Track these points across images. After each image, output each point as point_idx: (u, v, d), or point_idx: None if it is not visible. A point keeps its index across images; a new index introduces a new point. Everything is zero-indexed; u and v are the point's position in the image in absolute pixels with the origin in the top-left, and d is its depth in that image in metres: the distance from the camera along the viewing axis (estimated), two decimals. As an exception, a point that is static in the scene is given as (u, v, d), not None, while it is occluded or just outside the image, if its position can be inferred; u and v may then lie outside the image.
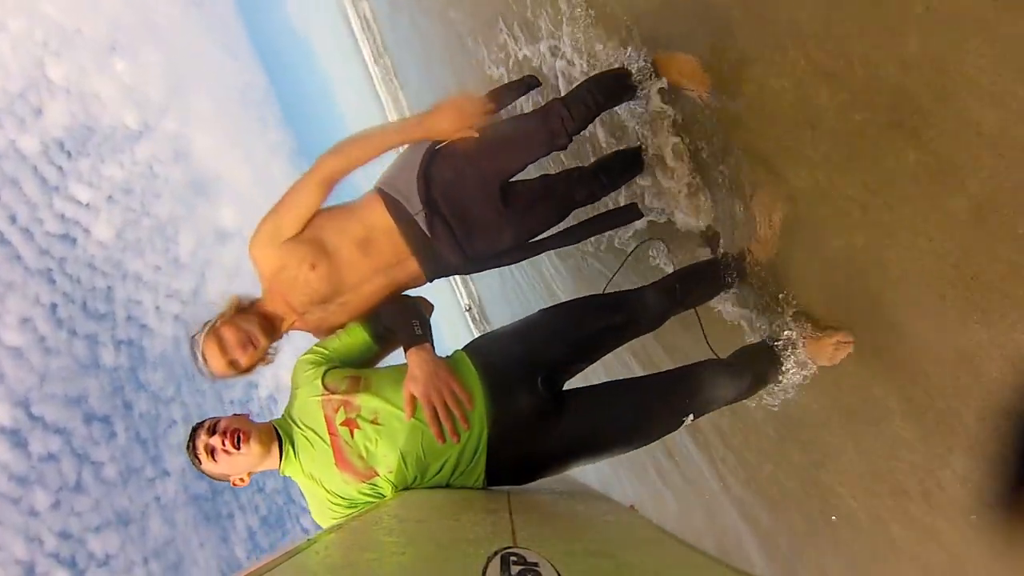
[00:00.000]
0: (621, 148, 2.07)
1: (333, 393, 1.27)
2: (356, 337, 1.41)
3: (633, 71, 1.75)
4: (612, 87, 1.71)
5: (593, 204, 1.80)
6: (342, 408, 1.25)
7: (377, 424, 1.23)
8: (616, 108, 1.89)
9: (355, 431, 1.23)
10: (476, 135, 1.46)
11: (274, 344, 1.46)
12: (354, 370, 1.36)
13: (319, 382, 1.30)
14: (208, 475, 1.28)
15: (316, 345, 1.40)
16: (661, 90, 1.75)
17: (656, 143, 1.87)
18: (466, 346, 1.44)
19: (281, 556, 0.68)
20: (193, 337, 1.38)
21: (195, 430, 1.28)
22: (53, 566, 23.69)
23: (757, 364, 1.57)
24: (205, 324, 1.38)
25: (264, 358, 1.43)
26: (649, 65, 1.74)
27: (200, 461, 1.25)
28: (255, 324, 1.38)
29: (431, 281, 1.56)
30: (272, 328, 1.43)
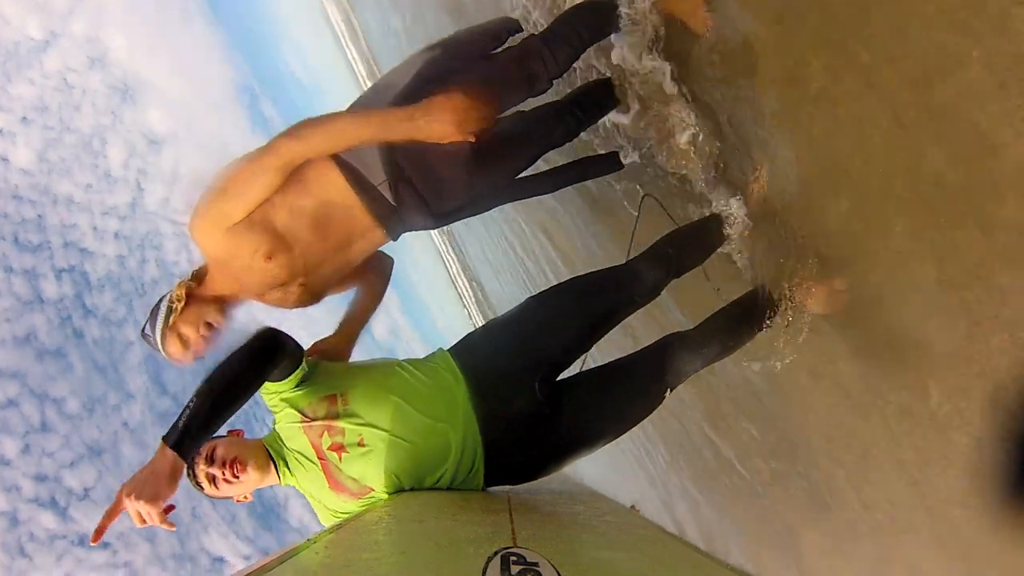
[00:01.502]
0: (597, 79, 1.89)
1: (313, 420, 1.21)
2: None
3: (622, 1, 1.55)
4: (598, 20, 1.53)
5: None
6: (326, 433, 1.20)
7: (364, 446, 1.18)
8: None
9: (343, 455, 1.19)
10: (473, 140, 1.26)
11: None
12: (327, 385, 1.26)
13: (292, 410, 1.23)
14: (211, 498, 1.27)
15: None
16: (655, 23, 1.57)
17: (645, 82, 1.71)
18: (453, 346, 1.38)
19: (281, 556, 0.67)
20: (144, 332, 1.32)
21: (194, 458, 1.24)
22: (35, 510, 23.16)
23: (725, 328, 1.56)
24: (155, 314, 1.30)
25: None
26: None
27: (203, 488, 1.24)
28: (211, 309, 1.32)
29: (396, 240, 1.47)
30: (227, 302, 1.36)
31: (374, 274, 1.57)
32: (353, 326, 1.49)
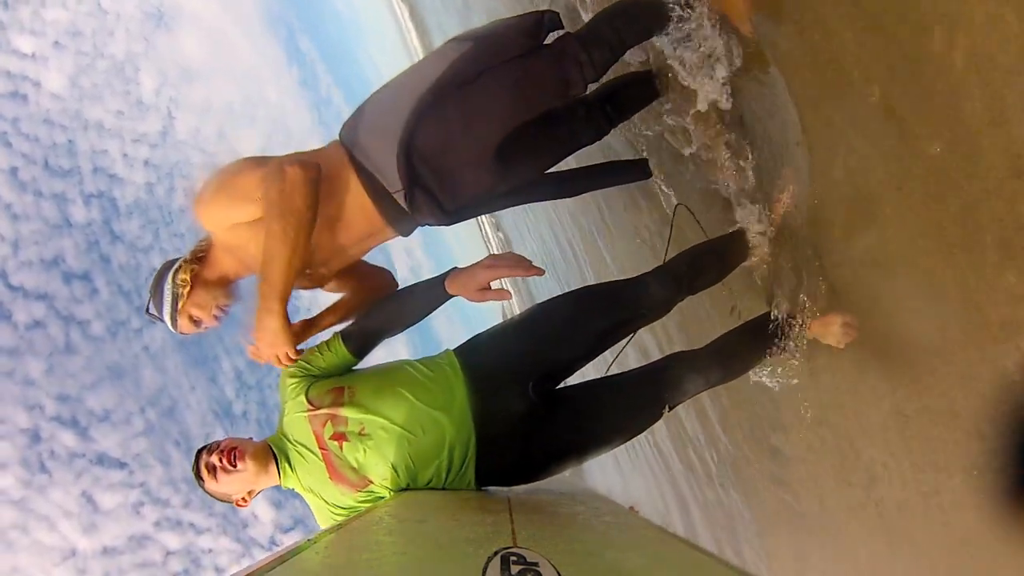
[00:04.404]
0: (635, 72, 1.76)
1: (318, 408, 1.25)
2: (338, 354, 1.36)
3: None
4: (642, 20, 1.43)
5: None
6: (329, 422, 1.24)
7: (364, 435, 1.22)
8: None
9: (344, 444, 1.22)
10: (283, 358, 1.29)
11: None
12: (336, 379, 1.33)
13: (303, 398, 1.28)
14: (212, 495, 1.31)
15: (300, 359, 1.34)
16: (706, 23, 1.46)
17: (692, 88, 1.59)
18: (458, 346, 1.40)
19: (281, 556, 0.67)
20: (149, 310, 1.38)
21: (199, 453, 1.30)
22: (56, 429, 24.24)
23: (732, 352, 1.57)
24: (159, 294, 1.35)
25: None
26: None
27: (203, 480, 1.27)
28: (220, 292, 1.36)
29: (407, 236, 1.46)
30: (233, 279, 1.41)
31: (370, 290, 1.55)
32: (324, 320, 1.49)
